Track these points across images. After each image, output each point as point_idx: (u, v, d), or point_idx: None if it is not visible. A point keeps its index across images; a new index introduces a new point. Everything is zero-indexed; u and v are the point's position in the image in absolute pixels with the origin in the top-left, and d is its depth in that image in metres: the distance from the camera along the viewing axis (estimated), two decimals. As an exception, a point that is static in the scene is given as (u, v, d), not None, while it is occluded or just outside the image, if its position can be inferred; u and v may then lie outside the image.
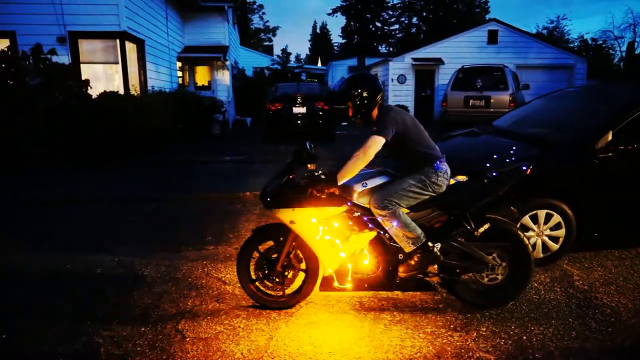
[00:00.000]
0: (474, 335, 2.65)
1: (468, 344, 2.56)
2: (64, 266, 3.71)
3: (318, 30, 55.80)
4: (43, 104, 7.85)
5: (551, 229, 3.56)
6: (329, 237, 2.74)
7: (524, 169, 2.77)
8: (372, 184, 2.80)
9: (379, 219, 2.74)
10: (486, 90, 11.41)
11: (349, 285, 2.83)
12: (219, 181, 7.04)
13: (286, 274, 2.92)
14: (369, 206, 2.77)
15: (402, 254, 2.80)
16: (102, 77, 9.75)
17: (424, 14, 37.89)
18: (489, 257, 2.84)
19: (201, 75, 16.48)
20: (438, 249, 2.76)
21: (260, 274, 2.93)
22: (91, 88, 8.58)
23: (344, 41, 42.38)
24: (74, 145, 8.10)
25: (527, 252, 2.83)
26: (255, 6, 46.21)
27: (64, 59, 8.85)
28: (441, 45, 16.89)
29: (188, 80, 15.70)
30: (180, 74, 14.63)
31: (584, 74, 17.01)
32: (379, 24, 38.79)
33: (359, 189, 2.78)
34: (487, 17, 34.66)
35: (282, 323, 2.80)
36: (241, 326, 2.77)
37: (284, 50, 50.43)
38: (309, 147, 2.71)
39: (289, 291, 2.97)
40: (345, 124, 14.85)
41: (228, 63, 15.22)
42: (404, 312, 2.92)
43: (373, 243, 2.82)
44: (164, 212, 5.45)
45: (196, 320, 2.84)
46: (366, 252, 2.82)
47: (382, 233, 2.80)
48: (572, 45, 34.07)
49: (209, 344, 2.58)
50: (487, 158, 3.60)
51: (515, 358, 2.44)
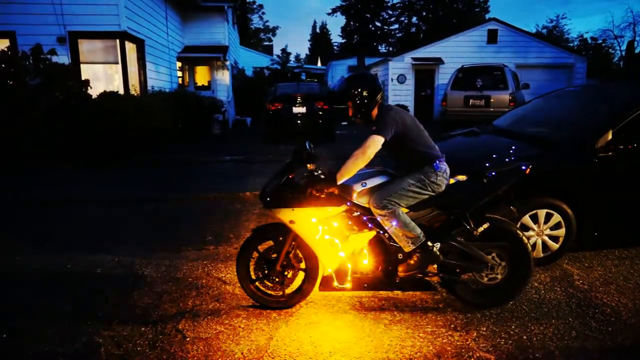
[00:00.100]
0: (474, 334, 2.65)
1: (468, 343, 2.56)
2: (64, 266, 3.71)
3: (318, 30, 55.82)
4: (43, 104, 7.85)
5: (551, 228, 3.56)
6: (329, 236, 2.75)
7: (524, 168, 2.77)
8: (371, 183, 2.80)
9: (379, 218, 2.74)
10: (486, 89, 11.40)
11: (348, 285, 2.83)
12: (219, 181, 7.04)
13: (286, 273, 2.93)
14: (369, 206, 2.77)
15: (402, 254, 2.80)
16: (102, 77, 9.76)
17: (424, 14, 37.89)
18: (488, 257, 2.84)
19: (201, 75, 16.47)
20: (437, 249, 2.76)
21: (260, 273, 2.93)
22: (91, 88, 8.58)
23: (343, 41, 42.38)
24: (74, 145, 8.10)
25: (527, 251, 2.83)
26: (255, 6, 46.29)
27: (64, 59, 8.86)
28: (441, 44, 16.88)
29: (188, 80, 15.70)
30: (180, 74, 14.62)
31: (583, 73, 16.99)
32: (378, 24, 38.81)
33: (358, 188, 2.78)
34: (487, 16, 34.68)
35: (282, 323, 2.80)
36: (241, 326, 2.77)
37: (283, 50, 50.48)
38: (308, 147, 2.71)
39: (288, 291, 2.97)
40: (345, 123, 14.87)
41: (228, 63, 15.22)
42: (404, 312, 2.92)
43: (372, 243, 2.83)
44: (164, 212, 5.45)
45: (196, 320, 2.84)
46: (366, 251, 2.83)
47: (381, 233, 2.80)
48: (571, 45, 34.13)
49: (209, 343, 2.58)
50: (486, 157, 3.60)
51: (515, 358, 2.44)
